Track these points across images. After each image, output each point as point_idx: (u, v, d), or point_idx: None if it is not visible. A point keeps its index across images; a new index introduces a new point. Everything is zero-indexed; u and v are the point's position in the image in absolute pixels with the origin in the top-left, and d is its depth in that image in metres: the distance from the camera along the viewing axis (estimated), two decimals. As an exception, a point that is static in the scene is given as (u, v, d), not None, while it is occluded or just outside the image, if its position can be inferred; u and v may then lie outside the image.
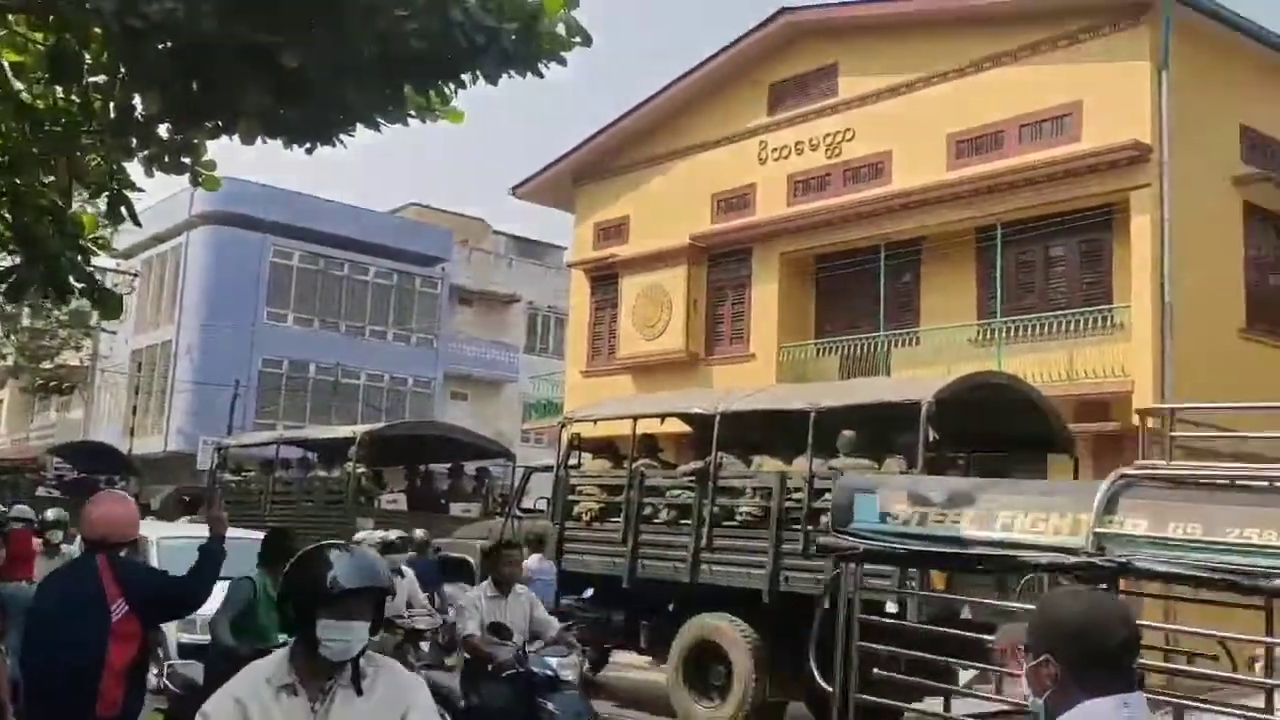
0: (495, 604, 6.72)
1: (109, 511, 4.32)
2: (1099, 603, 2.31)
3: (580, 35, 5.94)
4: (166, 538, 10.86)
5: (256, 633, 5.84)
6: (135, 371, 33.79)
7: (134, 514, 4.40)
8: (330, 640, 2.73)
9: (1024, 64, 16.11)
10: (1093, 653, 2.15)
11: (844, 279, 18.30)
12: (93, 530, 4.28)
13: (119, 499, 4.52)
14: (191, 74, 6.54)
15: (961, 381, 9.70)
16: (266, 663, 2.82)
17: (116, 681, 3.99)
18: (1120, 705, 2.12)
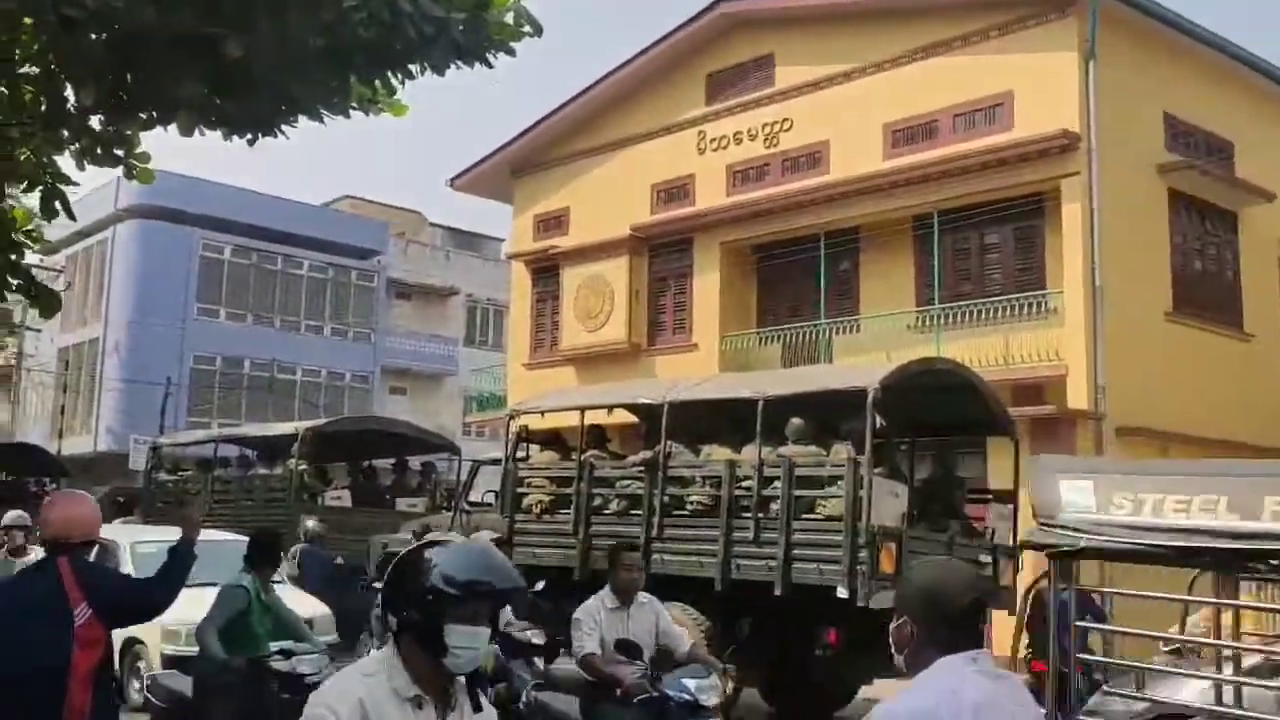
0: (616, 616, 5.88)
1: (67, 511, 4.20)
2: (949, 570, 2.60)
3: (530, 25, 5.92)
4: (141, 542, 10.50)
5: (248, 642, 5.74)
6: (62, 370, 32.93)
7: (94, 513, 4.28)
8: (460, 648, 2.45)
9: (957, 54, 16.37)
10: (941, 614, 2.43)
11: (784, 268, 18.46)
12: (52, 531, 4.17)
13: (78, 498, 4.40)
14: (127, 64, 6.39)
15: (905, 368, 9.86)
16: (379, 668, 2.48)
17: (82, 687, 3.90)
18: (969, 660, 2.40)
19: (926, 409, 10.59)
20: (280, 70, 5.87)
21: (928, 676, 2.41)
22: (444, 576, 2.45)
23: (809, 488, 9.54)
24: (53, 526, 4.17)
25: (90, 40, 6.07)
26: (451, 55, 5.93)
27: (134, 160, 7.55)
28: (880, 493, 9.16)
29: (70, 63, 6.43)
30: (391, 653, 2.50)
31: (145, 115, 6.84)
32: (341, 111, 6.66)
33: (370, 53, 5.86)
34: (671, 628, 6.05)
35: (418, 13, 5.43)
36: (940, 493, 10.59)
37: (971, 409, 10.58)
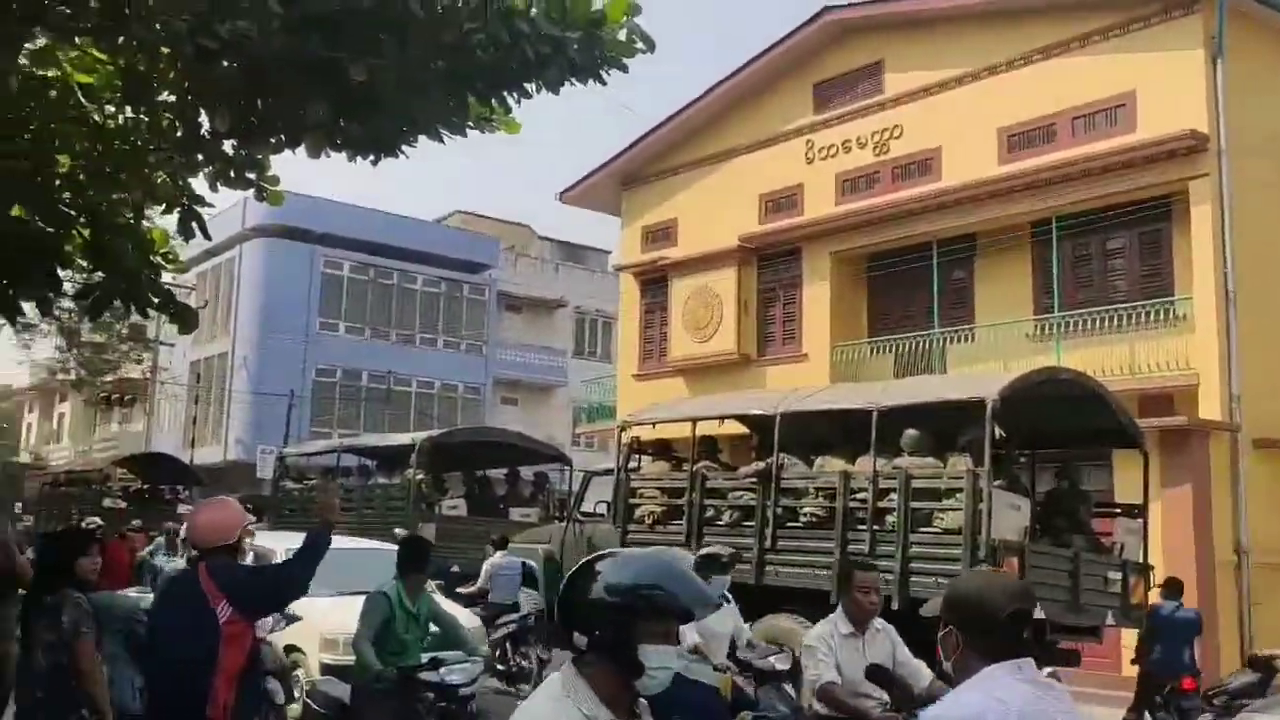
0: (850, 644, 5.22)
1: (201, 518, 4.44)
2: (993, 581, 2.64)
3: (643, 41, 5.97)
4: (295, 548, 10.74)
5: (396, 649, 5.66)
6: (194, 383, 34.43)
7: (224, 518, 4.45)
8: (656, 669, 2.27)
9: (1075, 55, 15.90)
10: (985, 623, 2.46)
11: (896, 276, 18.17)
12: (192, 538, 4.41)
13: (214, 505, 4.62)
14: (258, 90, 6.65)
15: (1026, 378, 9.58)
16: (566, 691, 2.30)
17: (227, 684, 4.08)
18: (1015, 669, 2.42)
19: (1048, 420, 10.29)
20: (402, 92, 6.04)
21: (972, 685, 2.44)
22: (639, 591, 2.27)
23: (926, 500, 9.36)
24: (192, 533, 4.39)
25: (224, 68, 6.35)
26: (566, 73, 6.02)
27: (264, 182, 7.86)
28: (1000, 506, 8.93)
29: (205, 90, 6.74)
30: (574, 674, 2.32)
31: (275, 139, 7.12)
32: (459, 131, 6.82)
33: (488, 73, 6.00)
34: (910, 659, 5.30)
35: (535, 33, 5.53)
36: (1065, 507, 10.27)
37: (1097, 420, 10.24)
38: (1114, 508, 11.21)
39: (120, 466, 23.42)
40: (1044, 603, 8.71)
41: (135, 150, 7.39)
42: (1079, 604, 9.30)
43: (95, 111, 7.37)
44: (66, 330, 27.39)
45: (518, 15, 5.57)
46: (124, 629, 5.26)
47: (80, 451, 41.65)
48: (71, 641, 4.50)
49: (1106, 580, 9.60)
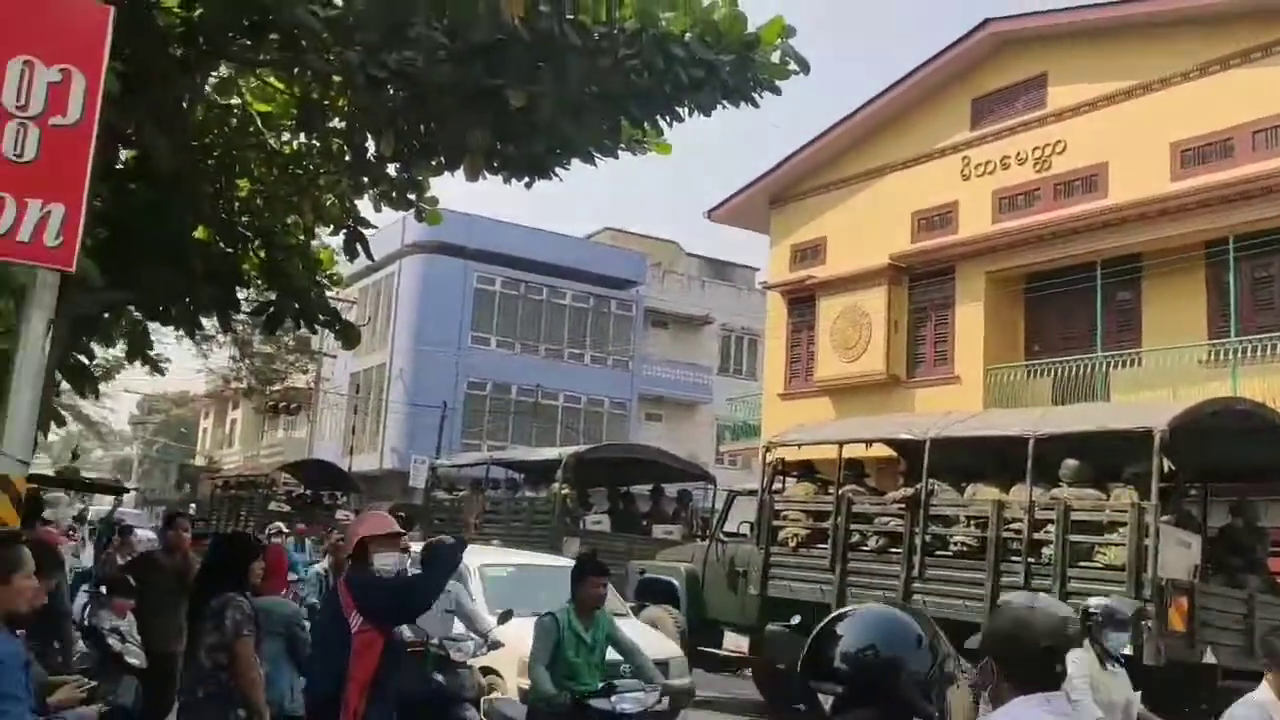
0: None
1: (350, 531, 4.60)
2: (1030, 614, 2.64)
3: (797, 63, 5.94)
4: (489, 564, 9.72)
5: (567, 673, 5.52)
6: (353, 393, 35.91)
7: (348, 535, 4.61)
8: None
9: (1255, 66, 15.01)
10: (1019, 656, 2.52)
11: (1056, 297, 17.48)
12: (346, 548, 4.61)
13: (362, 520, 4.79)
14: (422, 116, 6.92)
15: (1198, 408, 9.07)
16: None
17: (358, 692, 4.23)
18: (1043, 701, 2.46)
19: (1222, 453, 9.70)
20: (558, 116, 6.18)
21: (1000, 715, 2.50)
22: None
23: (1086, 533, 8.95)
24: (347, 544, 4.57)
25: (391, 96, 6.63)
26: (719, 96, 6.05)
27: (424, 203, 8.17)
28: (1168, 542, 8.47)
29: (372, 117, 7.05)
30: None
31: (436, 162, 7.39)
32: (611, 153, 6.93)
33: (642, 97, 6.08)
34: None
35: (689, 57, 5.58)
36: (1239, 545, 9.65)
37: (1276, 454, 9.59)
38: (1295, 548, 10.49)
39: (285, 472, 24.57)
40: (1215, 646, 8.23)
41: (307, 174, 7.80)
42: (1252, 648, 8.70)
43: (272, 138, 7.82)
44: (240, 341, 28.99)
45: (672, 40, 5.63)
46: (284, 632, 5.49)
47: (249, 456, 43.98)
48: (232, 642, 4.71)
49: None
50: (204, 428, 56.22)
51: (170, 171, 6.22)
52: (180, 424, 58.18)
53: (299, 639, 5.49)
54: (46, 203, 3.48)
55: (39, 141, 3.43)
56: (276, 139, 7.88)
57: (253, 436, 46.42)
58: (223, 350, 31.79)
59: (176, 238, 6.51)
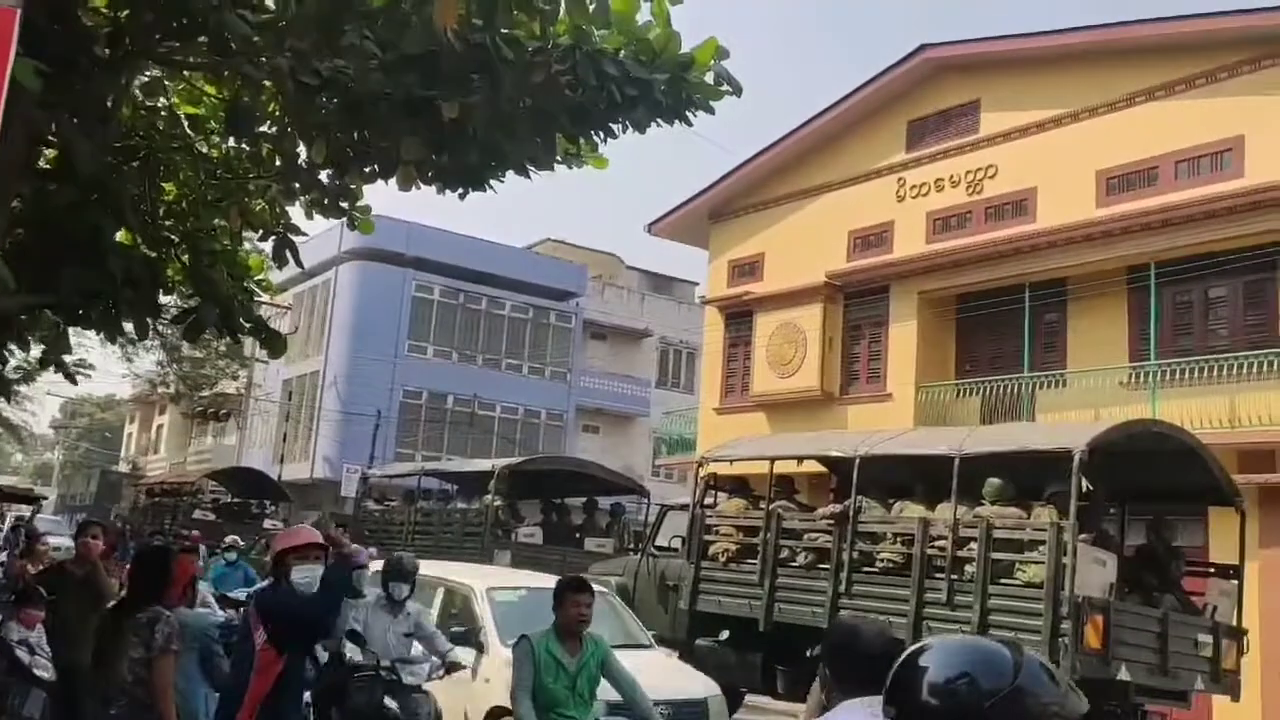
0: None
1: (276, 545, 4.52)
2: (858, 626, 2.93)
3: (730, 85, 5.99)
4: (497, 588, 8.83)
5: (545, 701, 5.16)
6: (286, 400, 35.34)
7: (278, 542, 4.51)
8: None
9: (1179, 98, 15.50)
10: (847, 663, 2.75)
11: (986, 318, 17.83)
12: None
13: (289, 533, 4.71)
14: (354, 124, 6.86)
15: (1116, 429, 9.30)
16: None
17: (250, 710, 4.15)
18: (866, 704, 2.51)
19: (1140, 473, 9.96)
20: (491, 128, 6.17)
21: (829, 717, 2.66)
22: None
23: (1007, 551, 9.12)
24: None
25: (323, 103, 6.57)
26: (653, 114, 6.08)
27: (356, 211, 8.09)
28: (1085, 560, 8.66)
29: (304, 123, 6.97)
30: None
31: (369, 170, 7.33)
32: (547, 166, 6.93)
33: (575, 112, 6.09)
34: None
35: (622, 75, 5.60)
36: (1155, 564, 9.90)
37: (1192, 475, 9.88)
38: (1207, 567, 10.79)
39: (212, 479, 24.11)
40: (1129, 664, 8.43)
41: (236, 179, 7.68)
42: (1167, 667, 8.95)
43: (200, 141, 7.69)
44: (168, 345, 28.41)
45: (605, 57, 5.65)
46: (198, 645, 5.39)
47: (175, 464, 43.05)
48: (157, 657, 4.61)
49: (1197, 643, 9.23)
50: (129, 433, 54.93)
51: (92, 172, 6.08)
52: (105, 429, 56.80)
53: (213, 653, 5.39)
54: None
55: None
56: (205, 142, 7.76)
57: (180, 443, 45.45)
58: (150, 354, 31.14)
59: (97, 240, 6.36)
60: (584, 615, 5.31)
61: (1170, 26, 15.49)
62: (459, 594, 8.70)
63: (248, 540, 19.68)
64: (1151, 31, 15.74)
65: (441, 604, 8.68)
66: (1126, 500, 10.76)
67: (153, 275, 6.70)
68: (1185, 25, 15.27)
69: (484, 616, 8.08)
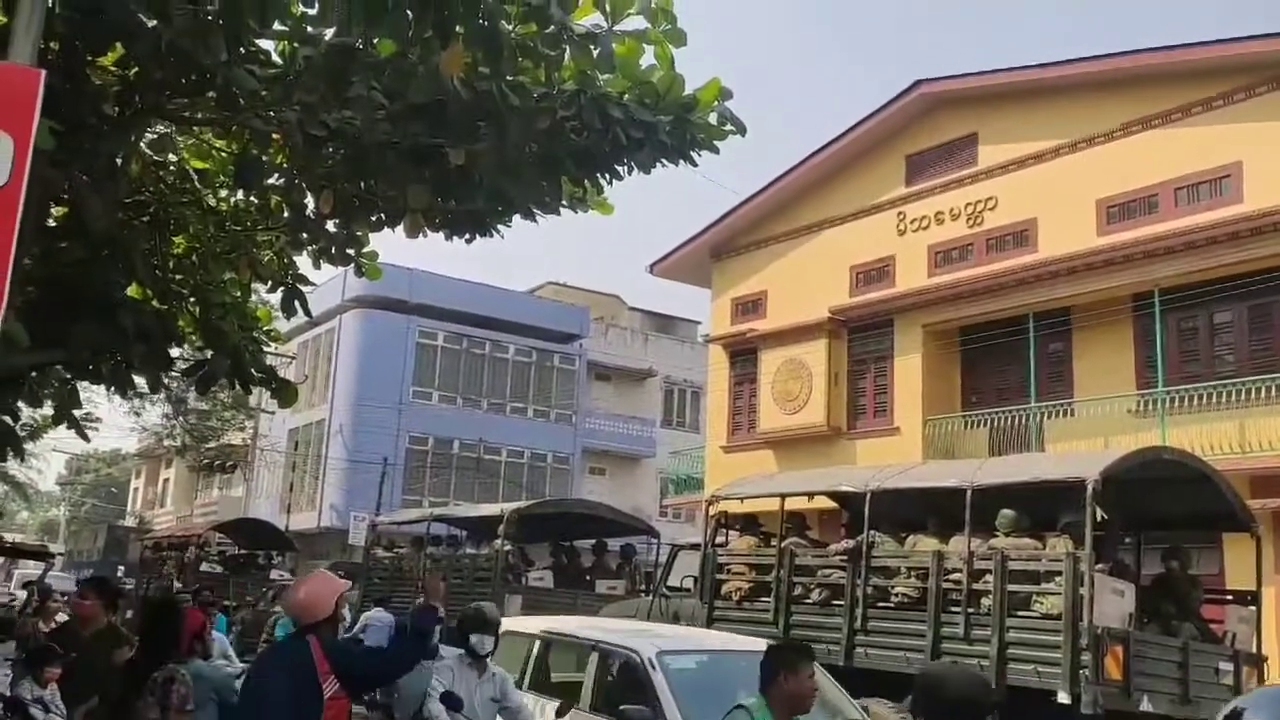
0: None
1: (299, 594, 4.46)
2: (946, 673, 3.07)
3: (734, 124, 6.05)
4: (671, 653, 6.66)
5: None
6: (292, 450, 35.29)
7: (321, 591, 4.43)
8: None
9: (1176, 126, 15.62)
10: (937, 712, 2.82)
11: (991, 350, 17.85)
12: (292, 613, 4.47)
13: (310, 579, 4.65)
14: (361, 174, 6.91)
15: (1129, 458, 9.26)
16: None
17: None
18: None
19: (1153, 501, 9.92)
20: (497, 174, 6.22)
21: None
22: None
23: (1024, 583, 9.05)
24: (293, 609, 4.45)
25: (330, 154, 6.63)
26: (658, 156, 6.13)
27: (363, 258, 8.13)
28: (1103, 591, 8.59)
29: (311, 174, 7.03)
30: None
31: (375, 218, 7.38)
32: (553, 210, 6.97)
33: (581, 156, 6.14)
34: None
35: (627, 118, 5.65)
36: (1173, 592, 9.82)
37: (1205, 502, 9.83)
38: (1225, 594, 10.70)
39: (218, 531, 24.02)
40: (1151, 695, 8.34)
41: (245, 231, 7.73)
42: (1188, 696, 8.84)
43: (209, 195, 7.75)
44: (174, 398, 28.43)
45: (610, 101, 5.71)
46: (217, 699, 5.34)
47: (182, 516, 42.90)
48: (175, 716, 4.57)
49: (1218, 671, 9.12)
50: (135, 487, 54.82)
51: (103, 229, 6.13)
52: (111, 484, 56.71)
53: (230, 706, 5.34)
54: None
55: (-35, 203, 3.36)
56: (214, 195, 7.81)
57: (186, 496, 45.34)
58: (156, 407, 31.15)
59: (107, 296, 6.40)
60: (814, 692, 4.18)
61: (1165, 56, 15.64)
62: (622, 660, 6.89)
63: (255, 592, 19.64)
64: (1146, 61, 15.89)
65: (595, 673, 7.00)
66: (1141, 529, 10.69)
67: (164, 329, 6.72)
68: (1180, 55, 15.42)
69: (660, 689, 6.18)
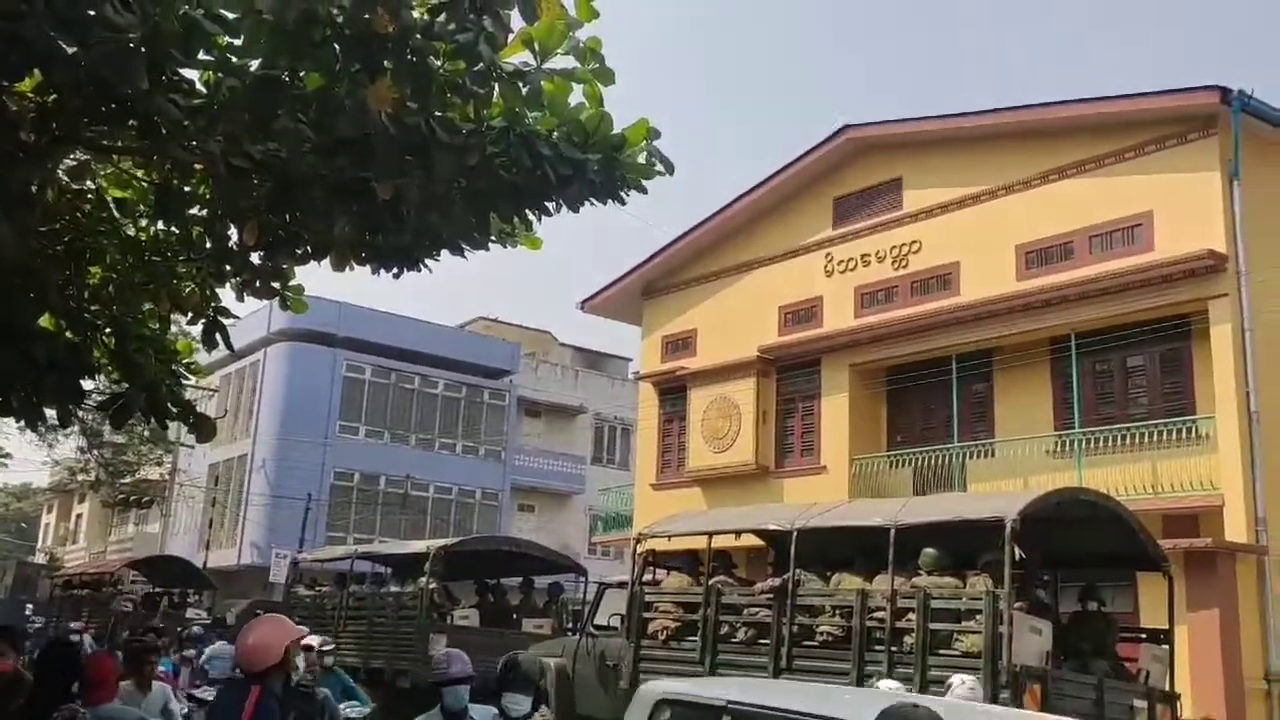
0: None
1: (246, 641, 4.28)
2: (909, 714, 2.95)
3: (662, 164, 6.11)
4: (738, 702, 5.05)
5: None
6: (212, 485, 34.43)
7: (269, 638, 4.25)
8: None
9: (1091, 176, 16.15)
10: None
11: (915, 390, 18.16)
12: (240, 662, 4.31)
13: (259, 625, 4.47)
14: (286, 206, 6.82)
15: (1046, 497, 9.46)
16: None
17: None
18: None
19: (1070, 540, 10.13)
20: (425, 209, 6.19)
21: None
22: None
23: (945, 621, 9.16)
24: (240, 657, 4.28)
25: (254, 186, 6.54)
26: (586, 194, 6.16)
27: (289, 292, 8.00)
28: (1021, 629, 8.72)
29: (235, 205, 6.92)
30: None
31: (301, 251, 7.28)
32: (481, 245, 6.95)
33: (510, 192, 6.14)
34: None
35: (556, 156, 5.68)
36: (1088, 631, 10.01)
37: (1119, 542, 10.07)
38: (1139, 632, 10.94)
39: (133, 569, 23.30)
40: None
41: (165, 262, 7.57)
42: (1104, 733, 9.00)
43: (128, 224, 7.58)
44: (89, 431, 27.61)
45: (539, 139, 5.73)
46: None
47: (95, 553, 41.55)
48: None
49: (1132, 709, 9.30)
50: (46, 523, 52.98)
51: (15, 258, 5.95)
52: (20, 519, 54.71)
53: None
54: None
55: None
56: (133, 225, 7.64)
57: (100, 532, 43.92)
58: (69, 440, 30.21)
59: (19, 326, 6.21)
60: None
61: (1082, 108, 16.20)
62: None
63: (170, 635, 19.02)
64: (1063, 113, 16.43)
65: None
66: (1058, 567, 10.90)
67: (77, 360, 6.54)
68: (1096, 107, 15.98)
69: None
